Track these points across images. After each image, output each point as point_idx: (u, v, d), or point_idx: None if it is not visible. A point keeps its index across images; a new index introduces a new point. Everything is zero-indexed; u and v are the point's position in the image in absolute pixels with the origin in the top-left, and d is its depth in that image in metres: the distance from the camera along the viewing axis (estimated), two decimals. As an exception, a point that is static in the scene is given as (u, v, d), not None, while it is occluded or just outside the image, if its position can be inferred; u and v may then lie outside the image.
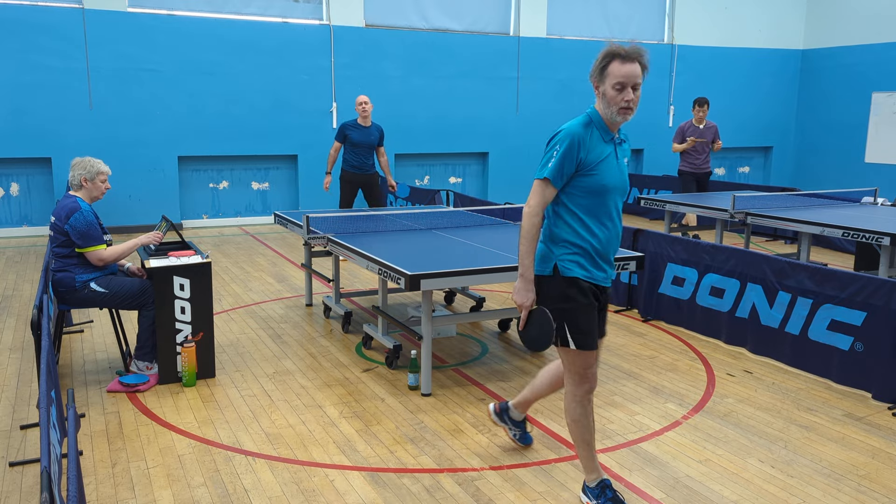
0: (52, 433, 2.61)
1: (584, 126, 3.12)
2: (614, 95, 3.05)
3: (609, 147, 3.15)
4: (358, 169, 8.71)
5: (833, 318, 4.95)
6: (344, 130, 8.66)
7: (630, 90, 3.05)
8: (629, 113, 3.08)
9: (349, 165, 8.71)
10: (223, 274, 8.13)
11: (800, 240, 7.48)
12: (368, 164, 8.75)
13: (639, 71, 3.05)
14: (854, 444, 4.07)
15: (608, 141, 3.15)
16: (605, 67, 3.09)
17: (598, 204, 3.15)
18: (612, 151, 3.16)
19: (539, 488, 3.56)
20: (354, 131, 8.63)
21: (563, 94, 13.57)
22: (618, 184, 3.18)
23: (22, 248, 9.68)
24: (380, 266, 4.68)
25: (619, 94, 3.05)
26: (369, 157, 8.74)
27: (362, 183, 8.78)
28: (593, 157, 3.10)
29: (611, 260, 3.27)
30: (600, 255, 3.21)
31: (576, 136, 3.09)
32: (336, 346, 5.71)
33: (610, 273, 3.30)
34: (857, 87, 14.55)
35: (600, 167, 3.11)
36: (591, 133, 3.12)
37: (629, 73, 3.03)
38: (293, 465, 3.78)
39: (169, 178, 11.17)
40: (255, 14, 11.43)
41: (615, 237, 3.24)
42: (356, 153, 8.66)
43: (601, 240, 3.19)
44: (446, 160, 13.21)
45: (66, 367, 5.20)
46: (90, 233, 4.73)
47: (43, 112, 10.36)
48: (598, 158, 3.11)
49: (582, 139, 3.09)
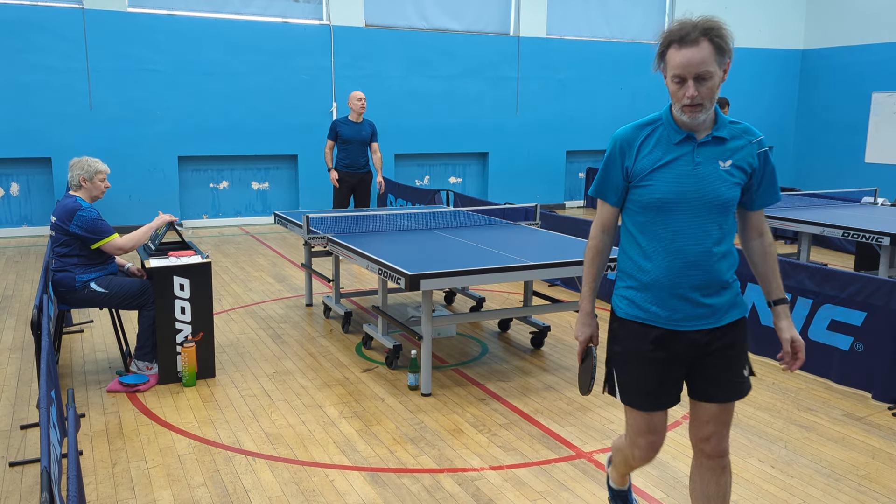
0: (52, 433, 2.61)
1: (639, 127, 2.54)
2: (675, 90, 2.41)
3: (679, 150, 2.46)
4: (350, 167, 8.55)
5: (833, 319, 4.95)
6: (335, 127, 8.51)
7: (692, 83, 2.36)
8: (698, 111, 2.39)
9: (341, 164, 8.56)
10: (223, 274, 8.13)
11: (800, 240, 7.48)
12: (361, 161, 8.59)
13: (704, 55, 2.36)
14: (854, 444, 4.07)
15: (679, 142, 2.46)
16: (663, 56, 2.44)
17: (659, 222, 2.48)
18: (682, 154, 2.46)
19: (539, 488, 3.56)
20: (345, 127, 8.47)
21: (563, 94, 13.57)
22: (687, 196, 2.44)
23: (22, 248, 9.68)
24: (380, 266, 4.68)
25: (680, 88, 2.40)
26: (362, 155, 8.57)
27: (356, 182, 8.63)
28: (646, 164, 2.48)
29: (691, 297, 2.48)
30: (667, 289, 2.48)
31: (619, 141, 2.54)
32: (336, 346, 5.71)
33: (693, 311, 2.49)
34: (857, 87, 14.55)
35: (655, 175, 2.46)
36: (650, 134, 2.51)
37: (689, 62, 2.35)
38: (293, 465, 3.78)
39: (169, 178, 11.17)
40: (255, 14, 11.42)
41: (690, 265, 2.46)
42: (348, 150, 8.50)
43: (666, 269, 2.47)
44: (446, 160, 13.20)
45: (66, 367, 5.20)
46: (98, 227, 4.74)
47: (43, 112, 10.36)
48: (654, 164, 2.47)
49: (628, 143, 2.52)
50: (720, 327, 2.53)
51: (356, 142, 8.48)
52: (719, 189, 2.45)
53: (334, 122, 8.56)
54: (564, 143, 13.80)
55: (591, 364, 2.69)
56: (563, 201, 14.03)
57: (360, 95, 8.49)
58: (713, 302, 2.50)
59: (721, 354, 2.55)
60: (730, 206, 2.48)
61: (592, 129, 13.89)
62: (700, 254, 2.45)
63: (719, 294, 2.51)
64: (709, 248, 2.46)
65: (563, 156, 13.86)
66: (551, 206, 13.63)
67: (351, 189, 8.64)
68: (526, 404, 4.58)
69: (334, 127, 8.52)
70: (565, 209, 13.87)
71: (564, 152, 13.87)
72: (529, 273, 4.73)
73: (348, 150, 8.49)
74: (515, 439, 4.09)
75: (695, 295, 2.47)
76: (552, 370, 5.20)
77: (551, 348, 5.69)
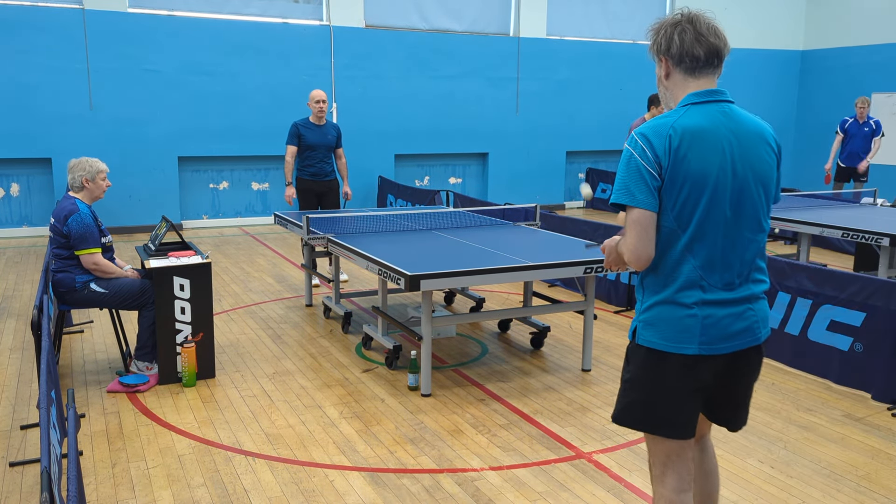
0: (52, 433, 2.61)
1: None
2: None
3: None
4: (315, 175, 7.51)
5: (832, 319, 4.95)
6: (297, 131, 7.40)
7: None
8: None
9: (305, 172, 7.49)
10: (223, 274, 8.13)
11: (799, 240, 7.48)
12: (327, 169, 7.57)
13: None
14: (853, 444, 4.07)
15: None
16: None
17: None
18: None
19: (539, 488, 3.57)
20: (309, 132, 7.42)
21: (563, 94, 13.57)
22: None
23: (22, 249, 9.68)
24: (380, 266, 4.68)
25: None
26: (327, 162, 7.57)
27: (322, 191, 7.57)
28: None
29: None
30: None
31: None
32: (336, 346, 5.71)
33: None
34: (856, 87, 14.55)
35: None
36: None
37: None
38: (293, 466, 3.78)
39: (169, 179, 11.17)
40: (255, 14, 11.43)
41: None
42: (312, 157, 7.46)
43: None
44: (446, 160, 13.21)
45: (66, 367, 5.20)
46: (86, 235, 4.73)
47: (43, 112, 10.36)
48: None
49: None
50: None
51: (322, 147, 7.48)
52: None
53: (295, 125, 7.45)
54: (564, 144, 13.80)
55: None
56: (562, 202, 14.03)
57: (321, 96, 7.50)
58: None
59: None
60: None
61: (592, 130, 13.89)
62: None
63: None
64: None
65: (563, 156, 13.86)
66: (551, 206, 13.62)
67: (317, 199, 7.60)
68: (526, 405, 4.59)
69: (296, 130, 7.41)
70: (565, 210, 13.87)
71: (564, 153, 13.87)
72: (529, 273, 4.73)
73: (313, 156, 7.46)
74: (515, 440, 4.09)
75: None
76: (552, 371, 5.21)
77: (551, 349, 5.69)
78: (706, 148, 2.21)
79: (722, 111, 2.28)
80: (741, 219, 2.27)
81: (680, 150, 2.20)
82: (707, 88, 2.31)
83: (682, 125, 2.22)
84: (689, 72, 2.31)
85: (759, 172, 2.29)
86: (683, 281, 2.26)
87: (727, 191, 2.23)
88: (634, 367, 2.38)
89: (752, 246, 2.31)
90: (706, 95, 2.29)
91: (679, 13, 2.32)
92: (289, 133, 7.46)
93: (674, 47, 2.29)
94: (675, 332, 2.27)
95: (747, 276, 2.31)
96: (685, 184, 2.21)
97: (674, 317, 2.27)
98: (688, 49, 2.28)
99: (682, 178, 2.20)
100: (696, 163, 2.20)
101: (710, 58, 2.29)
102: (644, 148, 2.22)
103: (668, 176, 2.21)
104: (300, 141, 7.42)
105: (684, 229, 2.24)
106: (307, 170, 7.51)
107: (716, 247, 2.25)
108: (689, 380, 2.29)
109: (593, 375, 5.11)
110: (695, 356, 2.27)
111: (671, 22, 2.30)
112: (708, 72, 2.31)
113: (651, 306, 2.33)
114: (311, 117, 7.51)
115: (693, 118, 2.24)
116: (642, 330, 2.34)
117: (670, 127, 2.22)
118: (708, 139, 2.22)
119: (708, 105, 2.28)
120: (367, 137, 12.13)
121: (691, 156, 2.20)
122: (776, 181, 2.38)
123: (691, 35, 2.27)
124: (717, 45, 2.28)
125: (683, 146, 2.20)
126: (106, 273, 4.83)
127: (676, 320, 2.27)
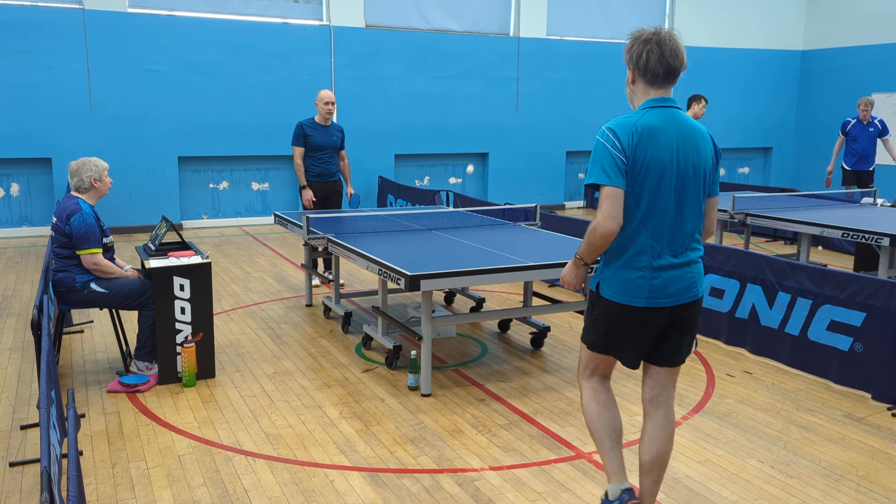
0: (52, 433, 2.61)
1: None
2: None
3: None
4: (320, 176, 7.47)
5: (833, 319, 4.95)
6: (303, 132, 7.36)
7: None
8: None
9: (310, 174, 7.46)
10: (223, 274, 8.13)
11: (799, 240, 7.48)
12: (332, 170, 7.54)
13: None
14: (853, 444, 4.07)
15: None
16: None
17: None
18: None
19: (539, 488, 3.57)
20: (315, 132, 7.38)
21: (563, 94, 13.57)
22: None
23: (22, 249, 9.68)
24: (380, 266, 4.68)
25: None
26: (332, 163, 7.53)
27: (326, 192, 7.55)
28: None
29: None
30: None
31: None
32: (336, 346, 5.71)
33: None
34: (856, 88, 14.54)
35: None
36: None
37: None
38: (293, 466, 3.78)
39: (169, 179, 11.17)
40: (255, 14, 11.43)
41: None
42: (318, 158, 7.42)
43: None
44: (446, 160, 13.21)
45: (66, 367, 5.20)
46: (88, 235, 4.74)
47: (43, 112, 10.36)
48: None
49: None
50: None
51: (327, 148, 7.44)
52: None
53: (301, 126, 7.40)
54: (564, 144, 13.80)
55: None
56: (563, 202, 14.03)
57: (331, 98, 7.41)
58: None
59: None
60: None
61: (592, 130, 13.77)
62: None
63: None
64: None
65: (562, 156, 13.86)
66: (551, 206, 13.63)
67: (322, 200, 7.57)
68: (526, 405, 4.59)
69: (301, 131, 7.37)
70: (565, 210, 13.87)
71: (564, 153, 13.87)
72: (529, 273, 4.73)
73: (318, 157, 7.43)
74: (515, 440, 4.09)
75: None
76: (552, 371, 5.21)
77: (551, 349, 5.69)
78: (659, 143, 2.78)
79: (672, 115, 2.84)
80: (682, 200, 2.84)
81: (639, 144, 2.76)
82: (662, 96, 2.86)
83: (641, 124, 2.78)
84: (650, 83, 2.86)
85: (697, 164, 2.85)
86: (637, 248, 2.84)
87: (672, 177, 2.80)
88: (598, 313, 3.00)
89: (691, 222, 2.88)
90: (661, 102, 2.85)
91: (652, 32, 2.82)
92: (294, 134, 7.39)
93: (641, 62, 2.83)
94: (629, 289, 2.87)
95: (688, 245, 2.90)
96: (642, 170, 2.77)
97: (629, 277, 2.86)
98: (652, 67, 2.82)
99: (640, 165, 2.77)
100: (650, 154, 2.76)
101: (668, 76, 2.84)
102: (614, 140, 2.77)
103: (630, 163, 2.77)
104: (305, 142, 7.36)
105: (639, 207, 2.81)
106: (312, 170, 7.45)
107: (663, 222, 2.82)
108: (639, 325, 2.91)
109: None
110: (644, 307, 2.87)
111: (643, 39, 2.82)
112: (665, 84, 2.86)
113: (611, 267, 2.92)
114: (318, 118, 7.43)
115: (650, 119, 2.80)
116: (604, 285, 2.95)
117: (633, 125, 2.78)
118: (660, 136, 2.79)
119: (661, 109, 2.84)
120: (367, 137, 12.12)
121: (648, 149, 2.76)
122: (712, 172, 2.94)
123: (656, 55, 2.80)
124: (676, 65, 2.82)
125: (643, 141, 2.76)
126: (106, 273, 4.83)
127: (631, 280, 2.86)
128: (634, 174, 2.76)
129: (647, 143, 2.75)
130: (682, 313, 2.92)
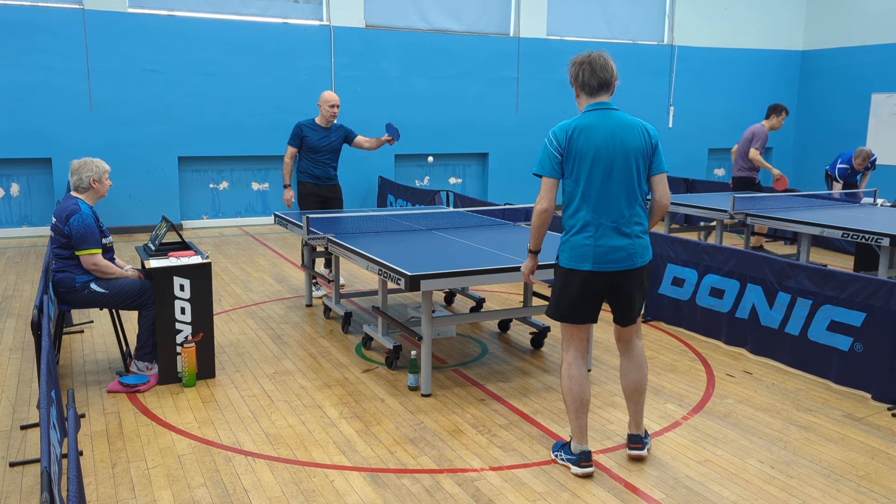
0: (52, 433, 2.61)
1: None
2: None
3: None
4: (318, 179, 7.19)
5: (833, 319, 4.95)
6: (301, 132, 7.09)
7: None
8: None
9: (309, 176, 7.18)
10: (223, 274, 8.13)
11: (799, 240, 7.48)
12: (331, 173, 7.26)
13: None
14: (853, 444, 4.07)
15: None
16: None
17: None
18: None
19: (539, 488, 3.57)
20: (314, 133, 7.10)
21: (563, 94, 13.56)
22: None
23: (22, 249, 9.68)
24: (380, 266, 4.68)
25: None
26: (331, 166, 7.25)
27: (327, 196, 7.28)
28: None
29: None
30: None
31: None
32: (336, 346, 5.71)
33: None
34: (856, 88, 14.56)
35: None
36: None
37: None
38: (293, 466, 3.78)
39: (169, 179, 11.17)
40: (255, 14, 11.43)
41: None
42: (317, 160, 7.14)
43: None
44: (446, 161, 13.21)
45: (66, 367, 5.20)
46: (87, 236, 4.73)
47: (43, 112, 10.36)
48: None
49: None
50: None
51: (325, 151, 7.15)
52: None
53: (299, 126, 7.13)
54: (564, 144, 13.77)
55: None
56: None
57: (336, 101, 7.15)
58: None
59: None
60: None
61: (592, 130, 13.86)
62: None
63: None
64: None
65: (562, 156, 13.84)
66: (551, 206, 13.61)
67: (322, 203, 7.30)
68: (526, 405, 4.59)
69: (299, 132, 7.10)
70: (565, 210, 13.85)
71: (564, 153, 13.85)
72: (529, 273, 4.73)
73: (317, 159, 7.15)
74: (515, 440, 4.09)
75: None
76: (552, 371, 5.21)
77: (551, 349, 5.69)
78: (592, 136, 3.53)
79: (605, 115, 3.57)
80: (614, 179, 3.53)
81: (572, 139, 3.54)
82: (599, 101, 3.61)
83: (576, 125, 3.57)
84: (588, 94, 3.63)
85: (626, 150, 3.54)
86: (583, 222, 3.57)
87: (603, 162, 3.52)
88: (556, 280, 3.71)
89: (625, 197, 3.56)
90: (597, 106, 3.62)
91: (585, 55, 3.60)
92: (291, 133, 7.15)
93: (579, 79, 3.62)
94: (577, 256, 3.58)
95: (629, 220, 3.57)
96: (576, 159, 3.54)
97: (577, 245, 3.59)
98: (587, 81, 3.60)
99: (574, 155, 3.54)
100: (583, 146, 3.52)
101: (601, 86, 3.60)
102: (553, 140, 3.58)
103: (565, 153, 3.56)
104: (303, 143, 7.11)
105: (578, 188, 3.57)
106: (310, 172, 7.19)
107: (600, 199, 3.54)
108: (587, 287, 3.60)
109: (593, 375, 5.11)
110: (589, 271, 3.57)
111: (579, 61, 3.60)
112: (599, 93, 3.61)
113: (566, 239, 3.64)
114: (319, 119, 7.17)
115: (586, 119, 3.57)
116: (561, 255, 3.66)
117: (570, 126, 3.57)
118: (593, 131, 3.54)
119: (597, 111, 3.59)
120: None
121: (580, 141, 3.53)
122: (650, 156, 3.61)
123: (589, 72, 3.58)
124: (606, 77, 3.58)
125: (575, 136, 3.54)
126: (105, 273, 4.83)
127: (578, 248, 3.58)
128: (571, 163, 3.54)
129: (578, 137, 3.52)
130: (624, 279, 3.58)
